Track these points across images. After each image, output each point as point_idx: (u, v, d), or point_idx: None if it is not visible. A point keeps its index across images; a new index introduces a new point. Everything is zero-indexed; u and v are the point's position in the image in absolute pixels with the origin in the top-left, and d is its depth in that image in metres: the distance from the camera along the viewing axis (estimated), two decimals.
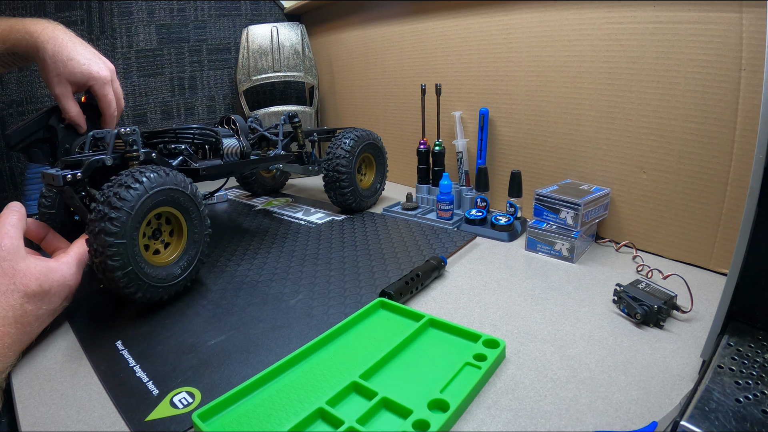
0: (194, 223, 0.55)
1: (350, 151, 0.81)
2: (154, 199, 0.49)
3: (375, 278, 0.60)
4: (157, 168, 0.51)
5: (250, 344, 0.47)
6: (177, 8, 1.11)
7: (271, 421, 0.36)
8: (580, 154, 0.71)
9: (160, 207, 0.51)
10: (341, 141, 0.81)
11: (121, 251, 0.46)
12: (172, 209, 0.53)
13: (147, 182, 0.49)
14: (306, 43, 1.18)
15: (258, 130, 0.80)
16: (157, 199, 0.50)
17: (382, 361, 0.42)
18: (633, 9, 0.60)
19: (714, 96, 0.55)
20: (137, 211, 0.47)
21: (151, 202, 0.49)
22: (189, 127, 0.66)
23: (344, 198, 0.83)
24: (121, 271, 0.47)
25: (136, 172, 0.49)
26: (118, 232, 0.46)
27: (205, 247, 0.57)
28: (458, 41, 0.85)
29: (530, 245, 0.67)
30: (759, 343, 0.38)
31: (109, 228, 0.46)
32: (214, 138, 0.67)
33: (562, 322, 0.49)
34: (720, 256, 0.58)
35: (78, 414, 0.38)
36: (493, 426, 0.35)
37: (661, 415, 0.35)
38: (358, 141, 0.82)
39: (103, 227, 0.46)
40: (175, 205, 0.53)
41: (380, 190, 0.91)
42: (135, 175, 0.49)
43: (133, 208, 0.47)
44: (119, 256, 0.46)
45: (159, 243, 0.54)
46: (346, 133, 0.83)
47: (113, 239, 0.46)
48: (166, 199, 0.51)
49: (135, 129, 0.57)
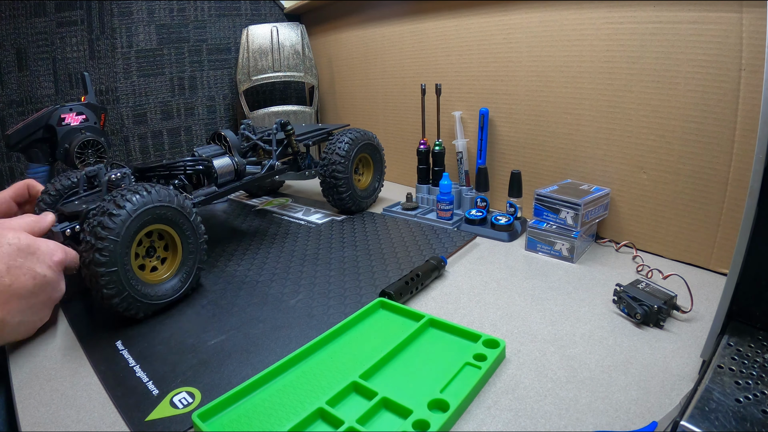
0: (187, 234, 0.54)
1: (346, 155, 0.80)
2: (139, 220, 0.48)
3: (375, 278, 0.60)
4: (139, 188, 0.50)
5: (250, 344, 0.47)
6: (177, 8, 1.11)
7: (271, 421, 0.36)
8: (580, 154, 0.71)
9: (148, 226, 0.50)
10: (336, 146, 0.80)
11: (114, 279, 0.46)
12: (161, 226, 0.52)
13: (129, 206, 0.48)
14: (306, 43, 1.18)
15: (251, 138, 0.79)
16: (143, 220, 0.49)
17: (382, 361, 0.42)
18: (633, 9, 0.60)
19: (714, 96, 0.55)
20: (123, 237, 0.47)
21: (137, 224, 0.48)
22: (180, 160, 0.66)
23: (342, 201, 0.83)
24: (118, 298, 0.47)
25: (118, 196, 0.48)
26: (108, 261, 0.46)
27: (203, 254, 0.57)
28: (458, 41, 0.85)
29: (530, 245, 0.67)
30: (759, 343, 0.38)
31: (98, 259, 0.45)
32: (206, 165, 0.67)
33: (562, 322, 0.49)
34: (720, 256, 0.58)
35: (78, 414, 0.38)
36: (493, 426, 0.35)
37: (661, 415, 0.35)
38: (353, 144, 0.81)
39: (93, 258, 0.45)
40: (164, 221, 0.52)
41: (378, 189, 0.91)
42: (117, 200, 0.48)
43: (119, 235, 0.46)
44: (113, 284, 0.46)
45: (155, 260, 0.53)
46: (341, 136, 0.82)
47: (104, 269, 0.46)
48: (152, 218, 0.50)
49: (126, 172, 0.57)
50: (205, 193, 0.66)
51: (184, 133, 1.19)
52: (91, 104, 0.66)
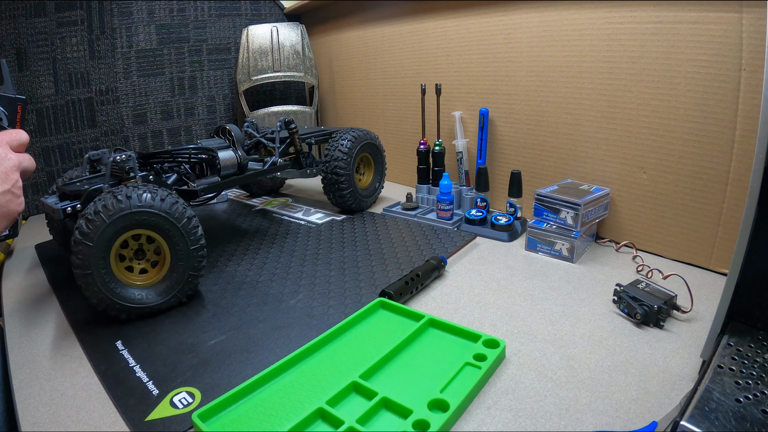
0: (174, 240, 0.52)
1: (348, 152, 0.81)
2: (116, 226, 0.48)
3: (375, 278, 0.60)
4: (119, 191, 0.49)
5: (250, 344, 0.47)
6: (177, 8, 1.11)
7: (271, 421, 0.36)
8: (580, 154, 0.70)
9: (128, 231, 0.50)
10: (338, 143, 0.81)
11: (90, 281, 0.47)
12: (144, 231, 0.51)
13: (104, 212, 0.47)
14: (306, 43, 1.18)
15: (254, 136, 0.80)
16: (120, 225, 0.48)
17: (382, 361, 0.42)
18: (633, 9, 0.60)
19: (714, 96, 0.55)
20: (97, 242, 0.47)
21: (112, 230, 0.48)
22: (185, 147, 0.66)
23: (344, 199, 0.83)
24: (95, 299, 0.48)
25: (99, 201, 0.48)
26: (82, 264, 0.47)
27: (197, 261, 0.54)
28: (458, 41, 0.85)
29: (530, 245, 0.67)
30: (759, 343, 0.38)
31: (75, 261, 0.47)
32: (211, 155, 0.67)
33: (562, 322, 0.49)
34: (720, 256, 0.58)
35: (78, 414, 0.38)
36: (493, 426, 0.35)
37: (661, 415, 0.35)
38: (355, 142, 0.82)
39: (72, 260, 0.47)
40: (146, 227, 0.51)
41: (379, 189, 0.91)
42: (96, 205, 0.48)
43: (93, 239, 0.47)
44: (89, 285, 0.48)
45: (145, 262, 0.53)
46: (344, 134, 0.83)
47: (80, 271, 0.47)
48: (131, 223, 0.49)
49: (131, 155, 0.56)
50: (208, 183, 0.66)
51: (184, 133, 1.19)
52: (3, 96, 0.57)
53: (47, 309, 0.56)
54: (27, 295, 0.61)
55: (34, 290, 0.62)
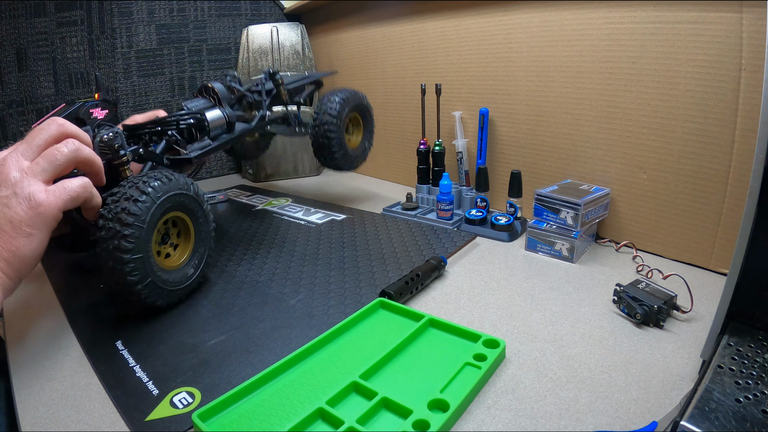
0: (200, 222, 0.55)
1: (338, 115, 0.80)
2: (162, 207, 0.49)
3: (375, 278, 0.60)
4: (159, 174, 0.50)
5: (250, 344, 0.47)
6: (177, 8, 1.11)
7: (271, 421, 0.36)
8: (580, 154, 0.71)
9: (168, 213, 0.51)
10: (328, 105, 0.81)
11: (139, 266, 0.46)
12: (179, 213, 0.53)
13: (153, 192, 0.48)
14: (306, 43, 1.18)
15: (239, 90, 0.76)
16: (165, 207, 0.49)
17: (382, 361, 0.42)
18: (633, 9, 0.60)
19: (714, 96, 0.55)
20: (149, 224, 0.47)
21: (160, 211, 0.48)
22: (171, 115, 0.64)
23: (335, 161, 0.84)
24: (141, 284, 0.47)
25: (140, 182, 0.48)
26: (134, 248, 0.45)
27: (212, 242, 0.58)
28: (458, 41, 0.85)
29: (530, 245, 0.67)
30: (759, 343, 0.38)
31: (125, 245, 0.45)
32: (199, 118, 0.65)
33: (562, 322, 0.49)
34: (720, 256, 0.58)
35: (78, 414, 0.38)
36: (493, 426, 0.35)
37: (661, 415, 0.35)
38: (344, 104, 0.82)
39: (118, 245, 0.45)
40: (182, 209, 0.53)
41: (369, 149, 0.91)
42: (140, 186, 0.47)
43: (145, 222, 0.46)
44: (138, 270, 0.46)
45: (169, 247, 0.54)
46: (332, 96, 0.82)
47: (130, 255, 0.45)
48: (173, 205, 0.50)
49: (117, 131, 0.53)
50: (200, 147, 0.65)
51: None
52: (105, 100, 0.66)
53: (47, 309, 0.56)
54: (27, 295, 0.61)
55: (34, 290, 0.62)
